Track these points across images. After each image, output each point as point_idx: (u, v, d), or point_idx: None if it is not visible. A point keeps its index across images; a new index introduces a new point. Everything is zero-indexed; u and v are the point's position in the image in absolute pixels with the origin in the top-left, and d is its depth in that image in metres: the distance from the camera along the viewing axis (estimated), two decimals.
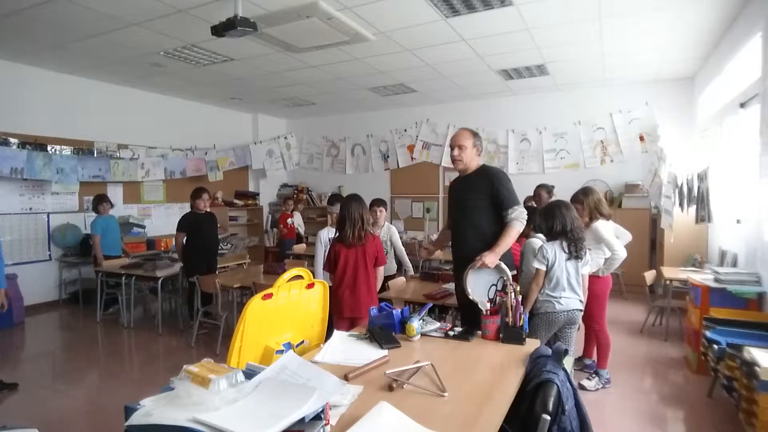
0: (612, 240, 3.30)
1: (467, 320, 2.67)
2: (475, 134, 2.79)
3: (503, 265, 2.48)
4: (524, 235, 3.07)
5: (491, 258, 2.47)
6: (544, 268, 2.75)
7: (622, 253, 3.29)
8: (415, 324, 2.01)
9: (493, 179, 2.68)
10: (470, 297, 2.42)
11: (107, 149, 6.65)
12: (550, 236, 2.84)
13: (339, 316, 2.89)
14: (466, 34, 4.75)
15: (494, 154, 7.52)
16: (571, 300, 2.76)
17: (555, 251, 2.76)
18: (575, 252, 2.76)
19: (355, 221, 2.92)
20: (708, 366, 3.21)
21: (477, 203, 2.70)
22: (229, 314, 4.42)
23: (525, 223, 2.64)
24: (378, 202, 4.28)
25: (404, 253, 4.32)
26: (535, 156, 7.43)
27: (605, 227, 3.34)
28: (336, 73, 6.24)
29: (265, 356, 1.79)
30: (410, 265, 4.35)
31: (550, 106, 7.27)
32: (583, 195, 3.44)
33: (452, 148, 2.77)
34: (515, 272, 2.81)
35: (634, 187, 6.60)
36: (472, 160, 2.76)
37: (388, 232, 4.22)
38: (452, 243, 2.90)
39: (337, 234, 3.01)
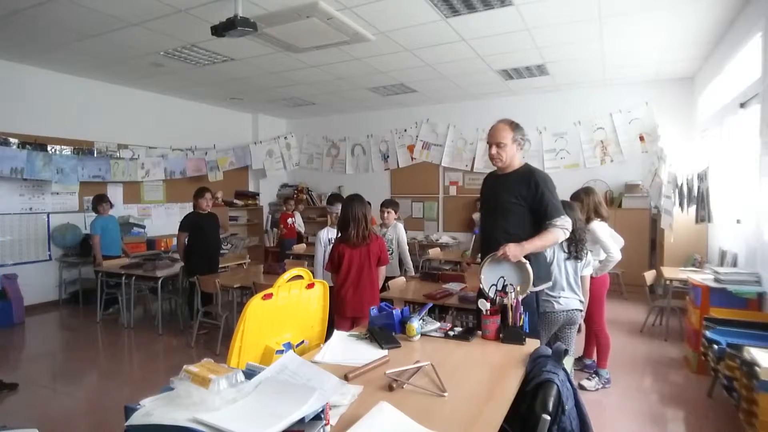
0: (608, 241, 3.30)
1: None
2: (515, 126, 2.47)
3: (528, 266, 2.24)
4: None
5: (515, 250, 2.23)
6: None
7: (616, 255, 3.29)
8: (415, 324, 2.01)
9: (539, 182, 2.39)
10: (481, 286, 2.28)
11: (107, 149, 6.65)
12: None
13: (341, 316, 2.89)
14: (466, 34, 4.75)
15: None
16: (570, 300, 2.76)
17: (554, 250, 2.77)
18: (575, 252, 2.76)
19: (359, 221, 2.91)
20: (708, 366, 3.21)
21: (512, 206, 2.43)
22: (229, 314, 4.42)
23: (567, 235, 2.38)
24: (388, 203, 4.31)
25: (407, 253, 4.33)
26: (535, 156, 7.42)
27: (602, 228, 3.35)
28: (336, 73, 6.24)
29: (265, 356, 1.79)
30: (411, 265, 4.35)
31: (550, 106, 7.27)
32: (585, 194, 3.45)
33: (489, 146, 2.48)
34: (550, 283, 2.62)
35: (634, 187, 6.60)
36: (514, 157, 2.48)
37: (395, 231, 4.23)
38: (481, 248, 2.62)
39: (340, 234, 3.00)
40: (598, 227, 3.33)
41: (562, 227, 2.35)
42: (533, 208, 2.40)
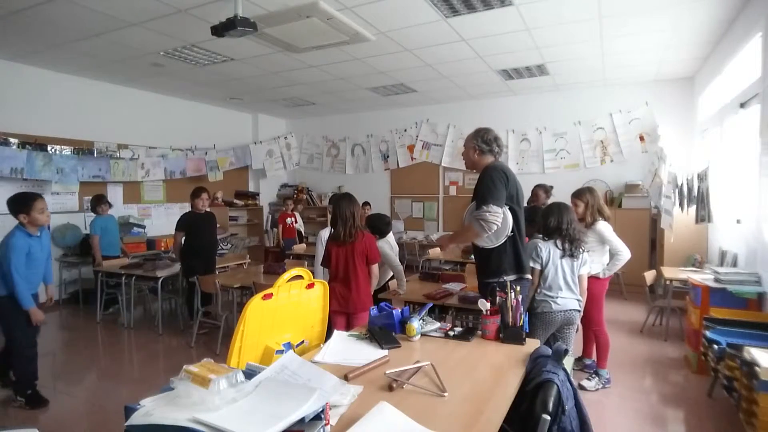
0: (616, 240, 3.30)
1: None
2: (474, 134, 2.70)
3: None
4: (528, 236, 3.07)
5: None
6: (538, 267, 2.77)
7: (626, 254, 3.29)
8: (415, 324, 2.01)
9: (482, 174, 2.56)
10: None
11: (107, 149, 6.65)
12: (547, 234, 2.85)
13: (330, 309, 2.92)
14: (466, 34, 4.75)
15: None
16: (568, 300, 2.75)
17: (549, 250, 2.77)
18: (570, 250, 2.76)
19: (346, 219, 2.99)
20: (708, 366, 3.21)
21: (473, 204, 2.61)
22: (229, 314, 4.42)
23: (489, 228, 2.43)
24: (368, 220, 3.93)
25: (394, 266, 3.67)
26: (535, 156, 7.43)
27: (608, 228, 3.34)
28: (336, 73, 6.24)
29: (265, 356, 1.79)
30: (403, 281, 3.64)
31: (550, 106, 7.27)
32: (589, 193, 3.43)
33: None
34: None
35: (634, 187, 6.60)
36: (476, 161, 2.69)
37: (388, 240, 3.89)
38: None
39: (332, 232, 3.08)
40: (605, 227, 3.33)
41: (479, 218, 2.44)
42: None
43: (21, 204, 3.06)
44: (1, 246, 3.07)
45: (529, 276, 2.65)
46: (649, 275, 4.77)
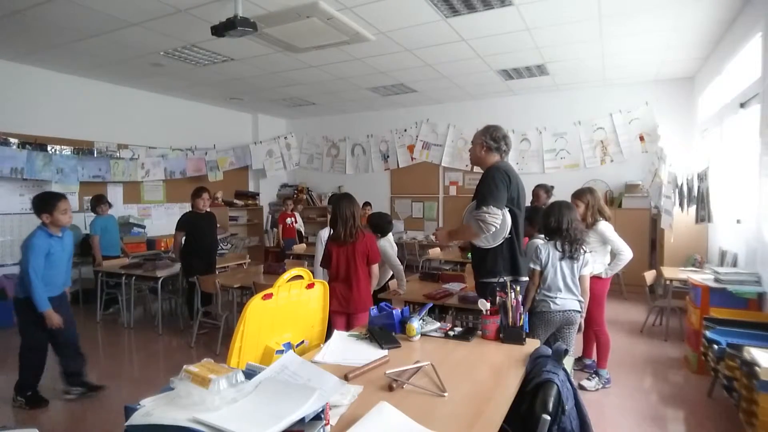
0: (617, 240, 3.30)
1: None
2: (484, 130, 2.70)
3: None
4: (528, 236, 3.07)
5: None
6: (538, 268, 2.77)
7: (628, 254, 3.29)
8: (415, 324, 2.01)
9: (485, 174, 2.58)
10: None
11: (107, 149, 6.65)
12: (547, 234, 2.84)
13: (330, 309, 2.92)
14: (466, 34, 4.75)
15: None
16: (567, 300, 2.74)
17: (549, 251, 2.76)
18: (569, 251, 2.74)
19: (346, 219, 2.99)
20: (708, 366, 3.21)
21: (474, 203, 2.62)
22: (229, 314, 4.42)
23: (486, 229, 2.46)
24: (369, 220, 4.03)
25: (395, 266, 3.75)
26: (535, 156, 7.43)
27: (609, 228, 3.34)
28: (336, 73, 6.24)
29: (265, 356, 1.79)
30: (403, 280, 3.70)
31: (550, 106, 7.27)
32: (590, 193, 3.43)
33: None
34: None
35: (634, 187, 6.60)
36: (481, 158, 2.69)
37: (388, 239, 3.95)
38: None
39: (332, 232, 3.07)
40: (606, 227, 3.33)
41: (478, 218, 2.47)
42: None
43: (44, 204, 3.03)
44: (22, 246, 3.06)
45: (524, 278, 2.66)
46: (649, 275, 4.77)
